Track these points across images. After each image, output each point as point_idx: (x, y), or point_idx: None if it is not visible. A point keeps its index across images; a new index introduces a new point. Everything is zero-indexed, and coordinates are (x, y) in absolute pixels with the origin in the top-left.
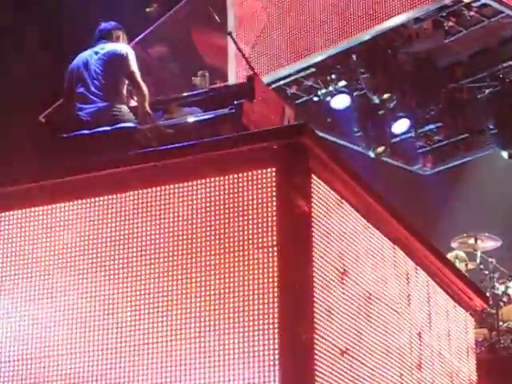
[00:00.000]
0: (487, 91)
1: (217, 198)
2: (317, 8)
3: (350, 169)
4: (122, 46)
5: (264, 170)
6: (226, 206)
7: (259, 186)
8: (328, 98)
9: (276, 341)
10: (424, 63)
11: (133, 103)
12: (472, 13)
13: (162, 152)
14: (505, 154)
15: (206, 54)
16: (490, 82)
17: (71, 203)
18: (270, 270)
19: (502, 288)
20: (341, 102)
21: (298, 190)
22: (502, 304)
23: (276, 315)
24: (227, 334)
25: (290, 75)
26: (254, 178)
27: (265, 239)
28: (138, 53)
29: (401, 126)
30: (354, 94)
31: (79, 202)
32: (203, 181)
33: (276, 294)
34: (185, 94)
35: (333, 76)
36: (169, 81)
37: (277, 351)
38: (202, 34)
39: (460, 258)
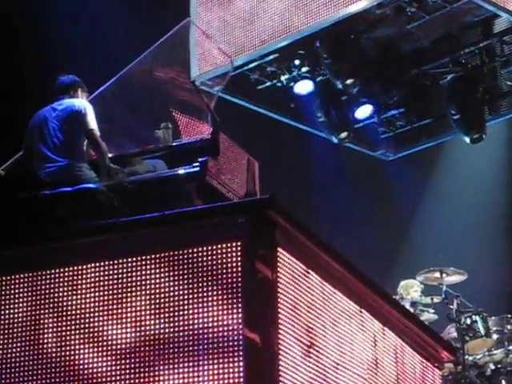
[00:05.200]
0: (450, 77)
1: (180, 272)
2: None
3: (316, 238)
4: (79, 102)
5: (229, 244)
6: (190, 280)
7: (224, 261)
8: (291, 84)
9: None
10: (387, 49)
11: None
12: None
13: (124, 224)
14: (467, 139)
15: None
16: (452, 68)
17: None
18: (236, 348)
19: (467, 322)
20: (304, 87)
21: (263, 264)
22: (467, 338)
23: None
24: None
25: (253, 61)
26: (219, 251)
27: (230, 316)
28: (100, 105)
29: (364, 111)
30: (317, 79)
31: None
32: (166, 254)
33: (242, 372)
34: (148, 149)
35: (296, 61)
36: (132, 133)
37: None
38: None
39: (408, 285)
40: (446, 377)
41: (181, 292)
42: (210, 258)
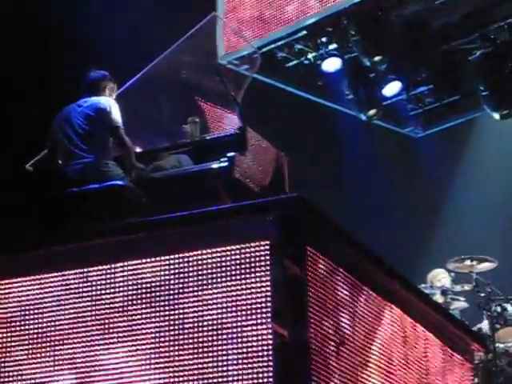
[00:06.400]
0: (479, 53)
1: (208, 271)
2: None
3: (345, 235)
4: (105, 100)
5: (258, 243)
6: (219, 279)
7: (253, 259)
8: (319, 61)
9: None
10: (415, 25)
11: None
12: None
13: (151, 223)
14: (496, 116)
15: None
16: (481, 44)
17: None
18: (266, 347)
19: (498, 310)
20: (332, 65)
21: (292, 262)
22: (498, 326)
23: None
24: None
25: (280, 38)
26: (248, 250)
27: (259, 315)
28: (126, 100)
29: (392, 88)
30: (345, 56)
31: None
32: (195, 253)
33: (272, 371)
34: (175, 145)
35: (324, 39)
36: (160, 128)
37: None
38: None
39: (435, 275)
40: (476, 365)
41: (209, 291)
42: (238, 256)
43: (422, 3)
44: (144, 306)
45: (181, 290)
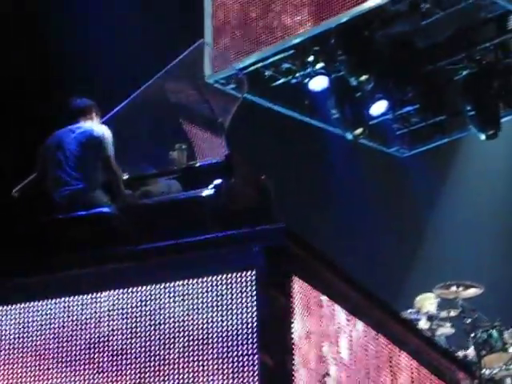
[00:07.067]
0: (464, 73)
1: (194, 301)
2: None
3: (332, 265)
4: (98, 128)
5: (244, 273)
6: (204, 309)
7: (239, 289)
8: (306, 80)
9: None
10: (401, 45)
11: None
12: None
13: (136, 252)
14: (482, 136)
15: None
16: (467, 64)
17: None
18: (251, 378)
19: (484, 336)
20: (319, 83)
21: (278, 292)
22: (483, 352)
23: None
24: None
25: (267, 57)
26: (234, 280)
27: (245, 346)
28: (113, 126)
29: (378, 107)
30: (332, 75)
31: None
32: (181, 282)
33: None
34: (162, 171)
35: (311, 58)
36: (147, 153)
37: None
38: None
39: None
40: None
41: (195, 321)
42: (224, 286)
43: (408, 23)
44: (129, 336)
45: (166, 320)
